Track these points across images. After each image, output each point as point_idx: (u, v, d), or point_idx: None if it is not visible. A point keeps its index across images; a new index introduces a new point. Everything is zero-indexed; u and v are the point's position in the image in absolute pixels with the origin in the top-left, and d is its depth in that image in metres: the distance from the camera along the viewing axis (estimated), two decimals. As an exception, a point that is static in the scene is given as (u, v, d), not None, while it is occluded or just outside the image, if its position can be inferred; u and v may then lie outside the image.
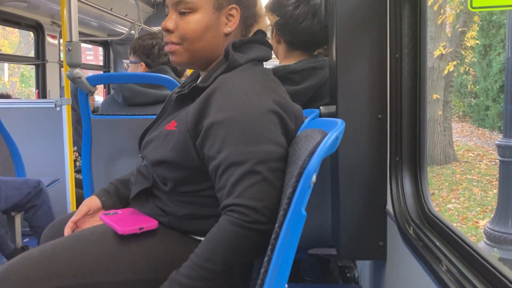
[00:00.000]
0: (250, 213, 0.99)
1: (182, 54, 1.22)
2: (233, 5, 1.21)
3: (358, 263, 1.87)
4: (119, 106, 2.29)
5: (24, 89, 15.41)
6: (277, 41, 1.73)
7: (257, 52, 1.24)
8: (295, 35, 1.68)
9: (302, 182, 0.87)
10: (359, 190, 1.40)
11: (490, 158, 7.71)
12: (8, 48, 14.71)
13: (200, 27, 1.19)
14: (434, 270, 1.00)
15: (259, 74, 1.20)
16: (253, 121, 1.07)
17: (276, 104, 1.12)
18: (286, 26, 1.68)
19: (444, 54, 7.48)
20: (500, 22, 8.42)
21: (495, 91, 8.81)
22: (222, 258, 0.99)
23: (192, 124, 1.12)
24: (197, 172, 1.15)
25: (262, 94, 1.12)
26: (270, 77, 1.23)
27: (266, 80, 1.19)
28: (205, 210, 1.17)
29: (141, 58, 2.38)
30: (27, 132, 2.98)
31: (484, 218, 5.37)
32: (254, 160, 1.03)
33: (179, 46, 1.21)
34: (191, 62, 1.25)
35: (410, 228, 1.22)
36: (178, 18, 1.20)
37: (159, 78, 2.04)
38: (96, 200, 1.33)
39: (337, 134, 0.93)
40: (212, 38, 1.21)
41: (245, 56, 1.20)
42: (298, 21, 1.65)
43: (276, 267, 0.86)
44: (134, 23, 4.69)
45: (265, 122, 1.08)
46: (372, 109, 1.38)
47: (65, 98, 2.57)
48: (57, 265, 1.09)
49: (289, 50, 1.73)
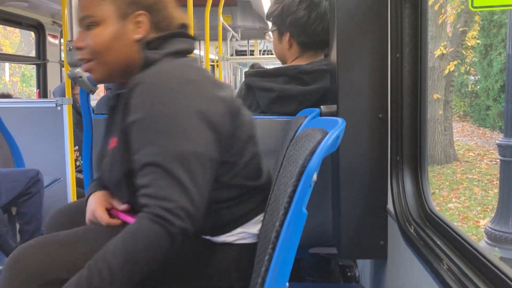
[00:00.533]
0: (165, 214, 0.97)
1: (98, 69, 1.20)
2: (139, 11, 1.18)
3: (359, 262, 1.87)
4: None
5: (25, 89, 15.42)
6: (289, 45, 1.76)
7: (175, 46, 1.19)
8: (309, 38, 1.72)
9: (303, 181, 0.87)
10: (359, 189, 1.40)
11: (490, 157, 7.71)
12: (9, 47, 14.72)
13: (107, 38, 1.17)
14: (435, 269, 1.00)
15: (177, 66, 1.14)
16: (166, 120, 1.04)
17: (196, 98, 1.08)
18: (302, 31, 1.71)
19: (445, 53, 7.48)
20: (501, 21, 8.41)
21: (496, 91, 8.81)
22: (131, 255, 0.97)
23: (120, 129, 1.12)
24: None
25: (178, 91, 1.08)
26: (192, 66, 1.17)
27: (186, 71, 1.14)
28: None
29: None
30: (28, 131, 2.98)
31: (484, 217, 5.37)
32: (167, 161, 1.01)
33: (92, 62, 1.19)
34: (110, 75, 1.22)
35: (411, 227, 1.22)
36: (85, 35, 1.19)
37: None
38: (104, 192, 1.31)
39: (337, 133, 0.93)
40: (123, 47, 1.18)
41: (161, 52, 1.16)
42: (314, 25, 1.69)
43: (277, 266, 0.86)
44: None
45: (180, 120, 1.05)
46: (372, 108, 1.38)
47: (66, 98, 2.57)
48: (74, 256, 1.08)
49: (301, 51, 1.77)
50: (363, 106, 1.38)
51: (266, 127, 1.67)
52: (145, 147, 1.04)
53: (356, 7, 1.37)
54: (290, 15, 1.72)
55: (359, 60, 1.38)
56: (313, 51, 1.75)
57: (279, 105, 1.67)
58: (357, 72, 1.38)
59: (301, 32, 1.72)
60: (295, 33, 1.73)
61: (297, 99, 1.65)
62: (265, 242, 1.03)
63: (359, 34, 1.38)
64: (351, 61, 1.38)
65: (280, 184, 1.04)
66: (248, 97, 1.74)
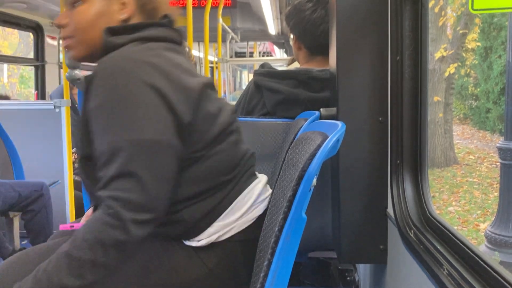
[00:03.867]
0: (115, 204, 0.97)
1: (77, 47, 1.19)
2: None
3: (358, 267, 1.86)
4: None
5: (23, 90, 15.41)
6: (298, 47, 1.77)
7: (149, 32, 1.15)
8: (314, 40, 1.72)
9: (303, 185, 0.86)
10: (359, 193, 1.39)
11: (491, 161, 7.70)
12: (8, 49, 14.72)
13: (90, 16, 1.16)
14: (435, 274, 0.99)
15: (137, 50, 1.10)
16: (120, 105, 1.01)
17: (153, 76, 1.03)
18: (305, 31, 1.72)
19: (445, 56, 7.48)
20: (501, 24, 8.42)
21: (496, 94, 8.81)
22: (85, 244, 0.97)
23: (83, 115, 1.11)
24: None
25: (132, 72, 1.03)
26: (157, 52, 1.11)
27: (146, 56, 1.08)
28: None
29: None
30: (26, 133, 2.97)
31: (485, 221, 5.36)
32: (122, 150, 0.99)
33: (73, 39, 1.19)
34: (89, 54, 1.20)
35: (411, 231, 1.21)
36: (69, 12, 1.19)
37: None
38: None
39: (338, 137, 0.92)
40: (105, 26, 1.16)
41: (126, 37, 1.13)
42: (316, 25, 1.69)
43: (276, 271, 0.85)
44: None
45: (135, 103, 1.01)
46: (373, 112, 1.37)
47: (64, 100, 2.56)
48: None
49: (310, 55, 1.77)
50: (363, 109, 1.37)
51: (265, 129, 1.67)
52: (101, 136, 1.03)
53: (356, 9, 1.36)
54: (295, 16, 1.73)
55: (359, 63, 1.37)
56: (322, 56, 1.74)
57: (284, 108, 1.67)
58: (357, 75, 1.37)
59: (304, 34, 1.72)
60: (300, 35, 1.74)
61: (304, 104, 1.64)
62: (264, 247, 1.02)
63: (359, 37, 1.37)
64: (351, 63, 1.37)
65: (280, 188, 1.03)
66: (256, 96, 1.74)
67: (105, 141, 1.02)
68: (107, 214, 0.97)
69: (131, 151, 1.00)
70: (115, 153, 1.00)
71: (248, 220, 1.16)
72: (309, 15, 1.69)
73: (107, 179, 1.00)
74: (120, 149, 1.00)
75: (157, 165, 1.02)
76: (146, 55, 1.09)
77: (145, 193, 0.98)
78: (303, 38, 1.73)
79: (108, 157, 1.00)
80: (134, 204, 0.97)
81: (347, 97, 1.38)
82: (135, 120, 1.01)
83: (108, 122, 1.02)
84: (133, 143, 1.00)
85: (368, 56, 1.36)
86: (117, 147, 1.00)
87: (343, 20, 1.36)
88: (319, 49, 1.73)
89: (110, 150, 1.00)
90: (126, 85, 1.03)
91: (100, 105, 1.04)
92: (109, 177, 0.99)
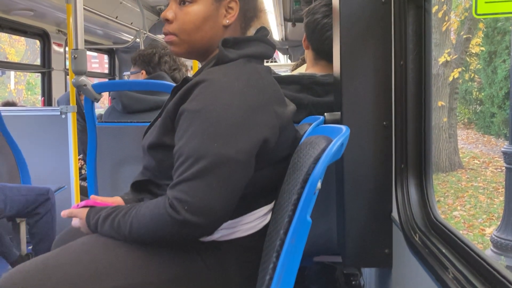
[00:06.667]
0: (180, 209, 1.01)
1: (180, 44, 1.22)
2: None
3: (363, 271, 1.86)
4: (118, 114, 2.32)
5: (30, 97, 15.50)
6: (306, 46, 1.80)
7: (253, 49, 1.21)
8: (320, 44, 1.74)
9: (307, 189, 0.87)
10: (364, 197, 1.39)
11: (496, 165, 7.67)
12: (15, 56, 14.82)
13: (198, 18, 1.19)
14: (440, 278, 0.99)
15: (247, 71, 1.15)
16: (217, 120, 1.05)
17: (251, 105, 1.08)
18: (313, 33, 1.74)
19: (449, 61, 7.47)
20: (505, 29, 8.41)
21: (501, 98, 8.78)
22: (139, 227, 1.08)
23: (172, 108, 1.13)
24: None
25: (238, 94, 1.08)
26: (261, 75, 1.17)
27: (253, 78, 1.14)
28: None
29: (142, 66, 2.43)
30: (32, 139, 2.99)
31: (490, 225, 5.34)
32: (205, 158, 1.02)
33: (176, 37, 1.21)
34: (189, 52, 1.25)
35: (416, 235, 1.21)
36: (177, 8, 1.20)
37: (161, 85, 2.05)
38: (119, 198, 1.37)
39: (342, 141, 0.93)
40: (210, 30, 1.20)
41: (237, 52, 1.18)
42: (323, 30, 1.70)
43: (281, 275, 0.85)
44: (139, 31, 4.72)
45: (230, 123, 1.05)
46: (377, 116, 1.38)
47: (71, 106, 2.58)
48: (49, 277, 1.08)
49: (316, 58, 1.79)
50: (367, 114, 1.38)
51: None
52: (190, 138, 1.06)
53: (360, 14, 1.37)
54: (309, 15, 1.76)
55: (363, 67, 1.38)
56: (326, 61, 1.75)
57: None
58: (361, 79, 1.38)
59: (312, 35, 1.74)
60: (309, 35, 1.77)
61: (308, 109, 1.65)
62: (269, 250, 1.02)
63: (363, 41, 1.37)
64: (355, 68, 1.38)
65: (285, 192, 1.04)
66: None
67: (191, 144, 1.05)
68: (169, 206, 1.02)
69: (213, 162, 1.03)
70: (198, 160, 1.03)
71: (252, 227, 1.18)
72: (320, 19, 1.71)
73: (181, 178, 1.03)
74: (202, 157, 1.03)
75: (231, 182, 1.05)
76: (253, 79, 1.13)
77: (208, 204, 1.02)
78: (311, 38, 1.76)
79: (190, 160, 1.04)
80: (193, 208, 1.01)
81: (351, 101, 1.38)
82: (227, 136, 1.05)
83: (200, 129, 1.05)
84: (217, 155, 1.03)
85: (372, 61, 1.37)
86: (201, 154, 1.03)
87: (347, 24, 1.37)
88: (323, 54, 1.74)
89: (193, 155, 1.03)
90: (230, 104, 1.06)
91: (198, 111, 1.06)
92: (184, 178, 1.03)
